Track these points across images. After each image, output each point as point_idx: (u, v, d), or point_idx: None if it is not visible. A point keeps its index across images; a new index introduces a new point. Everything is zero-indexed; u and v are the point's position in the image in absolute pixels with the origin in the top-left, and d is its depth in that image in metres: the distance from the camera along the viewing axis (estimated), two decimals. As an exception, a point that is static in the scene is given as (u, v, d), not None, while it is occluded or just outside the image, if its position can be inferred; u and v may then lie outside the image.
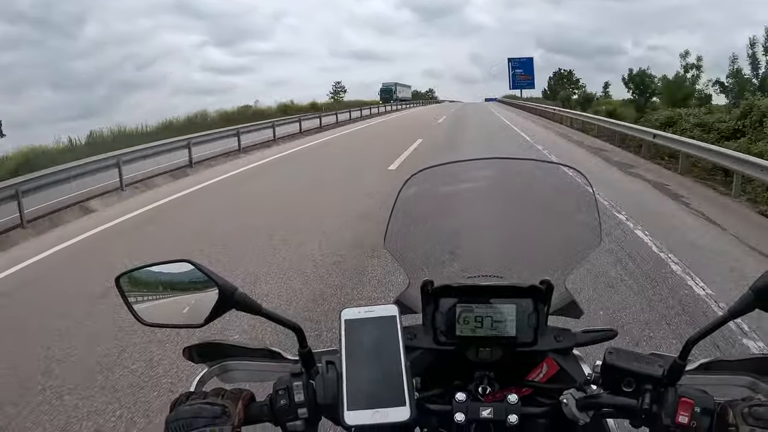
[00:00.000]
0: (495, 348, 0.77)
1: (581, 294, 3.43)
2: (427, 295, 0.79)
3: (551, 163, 1.00)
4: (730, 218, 5.95)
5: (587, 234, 0.85)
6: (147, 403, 2.55)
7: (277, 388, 0.66)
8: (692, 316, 3.29)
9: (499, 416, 0.70)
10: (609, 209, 5.82)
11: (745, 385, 0.75)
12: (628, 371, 0.66)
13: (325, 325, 3.26)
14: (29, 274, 4.94)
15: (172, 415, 0.62)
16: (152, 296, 0.70)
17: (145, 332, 3.14)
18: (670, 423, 0.62)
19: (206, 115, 27.50)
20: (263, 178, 9.59)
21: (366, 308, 0.64)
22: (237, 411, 0.63)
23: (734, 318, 0.64)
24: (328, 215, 6.08)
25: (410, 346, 0.75)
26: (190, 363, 0.81)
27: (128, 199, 8.24)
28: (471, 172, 0.97)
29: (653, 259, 4.38)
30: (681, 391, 0.63)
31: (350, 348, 0.61)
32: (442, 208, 0.95)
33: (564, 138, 15.04)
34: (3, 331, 3.57)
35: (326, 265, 4.42)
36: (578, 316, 0.83)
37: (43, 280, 4.74)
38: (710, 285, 3.79)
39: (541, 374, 0.76)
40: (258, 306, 0.67)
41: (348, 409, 0.57)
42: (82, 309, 3.75)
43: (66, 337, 3.33)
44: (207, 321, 0.67)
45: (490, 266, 0.85)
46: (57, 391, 2.71)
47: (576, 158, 10.49)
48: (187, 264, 0.66)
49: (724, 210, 6.42)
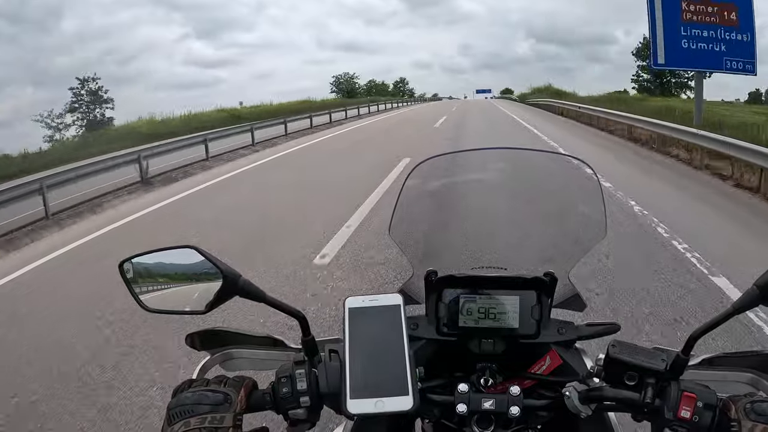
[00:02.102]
0: (498, 340, 0.77)
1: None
2: (431, 285, 0.79)
3: (557, 153, 0.99)
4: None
5: (592, 225, 0.84)
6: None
7: (279, 376, 0.65)
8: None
9: (501, 408, 0.70)
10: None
11: (748, 381, 0.75)
12: (631, 365, 0.66)
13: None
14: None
15: (173, 401, 0.62)
16: (155, 282, 0.70)
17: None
18: (672, 417, 0.62)
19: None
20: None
21: (370, 297, 0.63)
22: (239, 398, 0.63)
23: (738, 313, 0.64)
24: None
25: (413, 336, 0.75)
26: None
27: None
28: (476, 162, 0.97)
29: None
30: (683, 385, 0.63)
31: (354, 337, 0.61)
32: (447, 198, 0.95)
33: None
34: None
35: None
36: (581, 309, 0.83)
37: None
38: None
39: (543, 367, 0.76)
40: (262, 293, 0.66)
41: (350, 397, 0.57)
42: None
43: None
44: (210, 308, 0.66)
45: (494, 257, 0.85)
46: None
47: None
48: (191, 250, 0.66)
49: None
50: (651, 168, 8.77)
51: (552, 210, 0.93)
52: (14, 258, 5.42)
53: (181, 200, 7.42)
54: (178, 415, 0.60)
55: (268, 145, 13.96)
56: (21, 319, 3.63)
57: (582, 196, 0.92)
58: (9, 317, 3.68)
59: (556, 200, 0.94)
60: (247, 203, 6.93)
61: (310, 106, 28.55)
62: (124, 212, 6.95)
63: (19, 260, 5.24)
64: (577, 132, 15.12)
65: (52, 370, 2.83)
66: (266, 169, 9.96)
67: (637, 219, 5.16)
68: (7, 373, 2.85)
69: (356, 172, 8.50)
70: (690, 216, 5.53)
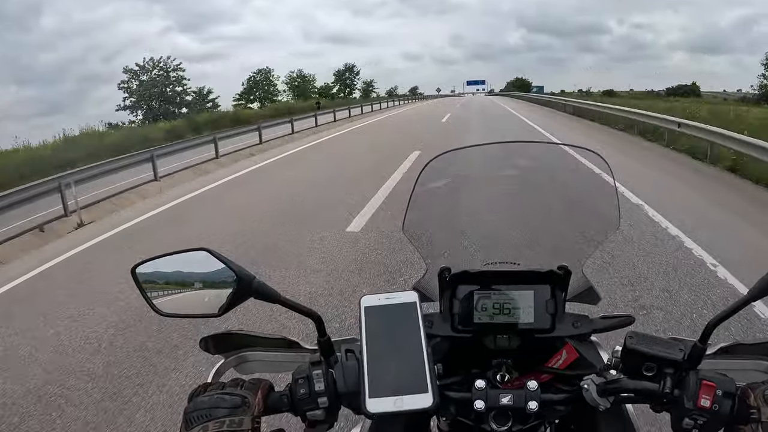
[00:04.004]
0: (513, 335, 0.77)
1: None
2: (445, 282, 0.79)
3: (569, 146, 0.98)
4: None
5: (605, 217, 0.84)
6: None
7: (296, 377, 0.65)
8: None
9: (519, 403, 0.69)
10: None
11: (765, 369, 0.75)
12: (648, 355, 0.65)
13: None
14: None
15: (190, 405, 0.62)
16: (169, 286, 0.69)
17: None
18: (692, 406, 0.62)
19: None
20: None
21: (386, 295, 0.63)
22: (256, 401, 0.62)
23: (754, 300, 0.64)
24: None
25: (428, 333, 0.74)
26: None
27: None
28: (488, 156, 0.96)
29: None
30: (702, 374, 0.63)
31: (370, 335, 0.60)
32: (460, 193, 0.95)
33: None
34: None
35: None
36: (596, 302, 0.83)
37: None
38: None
39: (560, 361, 0.75)
40: (276, 294, 0.66)
41: (369, 396, 0.57)
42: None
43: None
44: (224, 311, 0.66)
45: (508, 252, 0.84)
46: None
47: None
48: (204, 252, 0.65)
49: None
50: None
51: (564, 202, 0.93)
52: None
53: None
54: (195, 419, 0.59)
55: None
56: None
57: (594, 187, 0.91)
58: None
59: (568, 192, 0.94)
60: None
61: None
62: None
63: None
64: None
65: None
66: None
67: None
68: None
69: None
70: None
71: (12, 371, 3.08)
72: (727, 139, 8.23)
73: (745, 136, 7.79)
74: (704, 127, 9.22)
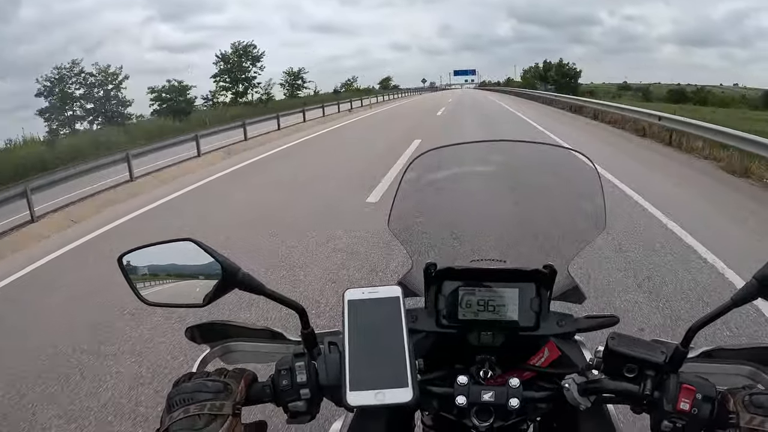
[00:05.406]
0: (497, 332, 0.77)
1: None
2: (430, 277, 0.79)
3: (556, 146, 0.98)
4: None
5: (591, 218, 0.84)
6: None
7: (279, 369, 0.65)
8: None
9: (501, 400, 0.70)
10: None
11: (746, 374, 0.75)
12: (630, 357, 0.66)
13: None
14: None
15: (173, 391, 0.62)
16: (154, 276, 0.70)
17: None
18: (671, 409, 0.62)
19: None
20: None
21: (370, 289, 0.63)
22: (239, 389, 0.63)
23: (737, 306, 0.64)
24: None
25: (412, 328, 0.75)
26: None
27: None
28: (476, 154, 0.97)
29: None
30: (683, 378, 0.63)
31: (353, 329, 0.61)
32: (447, 190, 0.95)
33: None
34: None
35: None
36: (581, 302, 0.83)
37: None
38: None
39: (542, 359, 0.76)
40: (261, 286, 0.66)
41: (350, 389, 0.57)
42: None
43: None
44: (209, 301, 0.66)
45: (494, 250, 0.85)
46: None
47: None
48: (190, 243, 0.65)
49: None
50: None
51: (551, 202, 0.93)
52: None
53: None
54: (177, 403, 0.60)
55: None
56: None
57: (581, 188, 0.91)
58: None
59: (555, 192, 0.94)
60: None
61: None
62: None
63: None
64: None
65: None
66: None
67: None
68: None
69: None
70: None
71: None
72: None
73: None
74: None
